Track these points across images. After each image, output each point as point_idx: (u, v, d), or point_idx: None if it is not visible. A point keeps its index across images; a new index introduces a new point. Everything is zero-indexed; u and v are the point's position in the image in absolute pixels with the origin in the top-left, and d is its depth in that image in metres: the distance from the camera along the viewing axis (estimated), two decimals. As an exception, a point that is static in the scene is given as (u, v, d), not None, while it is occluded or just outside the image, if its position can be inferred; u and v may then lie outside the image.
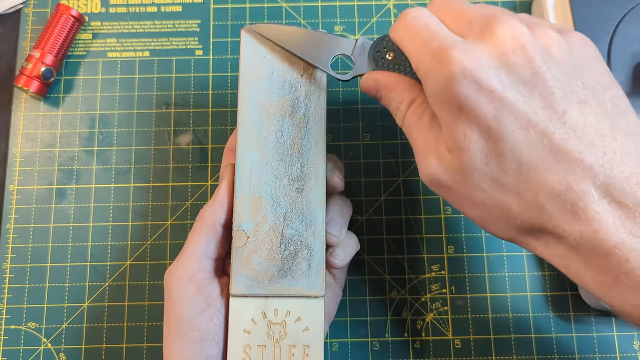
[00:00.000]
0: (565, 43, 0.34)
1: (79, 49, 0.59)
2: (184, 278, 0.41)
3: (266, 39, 0.44)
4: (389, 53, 0.41)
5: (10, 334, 0.53)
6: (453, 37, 0.35)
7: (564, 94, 0.32)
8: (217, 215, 0.43)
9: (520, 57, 0.32)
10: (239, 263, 0.42)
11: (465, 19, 0.36)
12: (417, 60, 0.36)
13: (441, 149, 0.35)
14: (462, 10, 0.36)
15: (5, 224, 0.55)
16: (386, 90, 0.41)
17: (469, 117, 0.33)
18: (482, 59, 0.32)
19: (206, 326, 0.41)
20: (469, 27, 0.35)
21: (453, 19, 0.36)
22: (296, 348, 0.41)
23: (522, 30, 0.33)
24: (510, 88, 0.32)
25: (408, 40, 0.37)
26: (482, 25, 0.34)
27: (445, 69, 0.33)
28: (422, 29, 0.36)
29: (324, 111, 0.44)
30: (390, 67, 0.41)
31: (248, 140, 0.43)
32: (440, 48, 0.34)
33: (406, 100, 0.39)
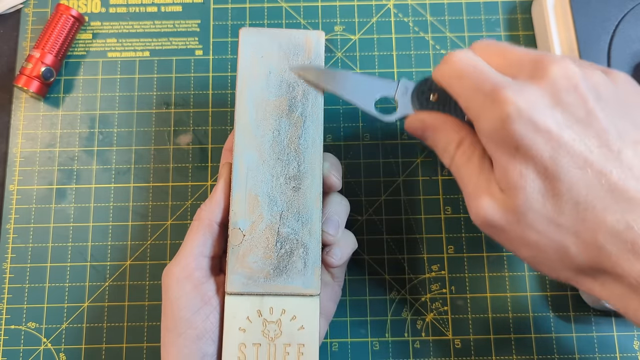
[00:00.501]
0: (611, 83, 0.34)
1: (79, 49, 0.59)
2: (182, 276, 0.41)
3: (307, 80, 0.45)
4: (433, 94, 0.42)
5: (10, 334, 0.53)
6: (503, 78, 0.34)
7: (617, 133, 0.32)
8: (214, 213, 0.43)
9: (574, 97, 0.32)
10: (234, 261, 0.42)
11: (512, 61, 0.36)
12: (467, 101, 0.36)
13: (493, 189, 0.35)
14: (508, 52, 0.36)
15: (5, 224, 0.55)
16: (433, 131, 0.40)
17: (525, 157, 0.32)
18: (536, 98, 0.32)
19: (203, 324, 0.41)
20: (517, 68, 0.35)
21: (499, 60, 0.36)
22: (291, 347, 0.41)
23: (573, 70, 0.33)
24: (566, 127, 0.32)
25: (456, 81, 0.37)
26: (532, 66, 0.34)
27: (500, 109, 0.33)
28: (471, 70, 0.36)
29: (321, 110, 0.44)
30: (435, 109, 0.41)
31: (245, 139, 0.43)
32: (492, 88, 0.34)
33: (455, 141, 0.39)
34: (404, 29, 0.59)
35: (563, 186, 0.32)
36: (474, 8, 0.60)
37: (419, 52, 0.59)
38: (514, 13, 0.60)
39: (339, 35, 0.59)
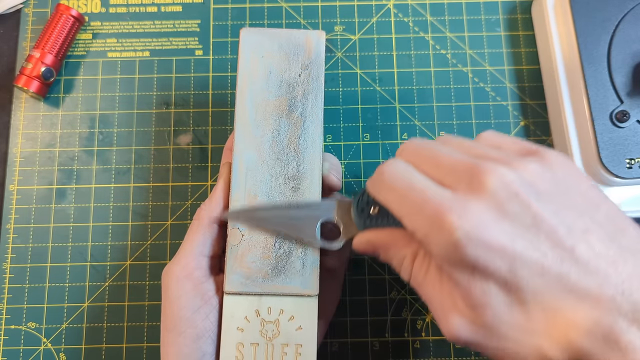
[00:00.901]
0: (547, 172, 0.33)
1: (79, 49, 0.59)
2: (181, 276, 0.41)
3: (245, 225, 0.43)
4: (373, 208, 0.40)
5: (10, 334, 0.53)
6: (442, 195, 0.33)
7: (567, 229, 0.32)
8: (213, 213, 0.43)
9: (517, 205, 0.32)
10: (233, 261, 0.42)
11: (446, 169, 0.35)
12: (412, 225, 0.35)
13: (459, 306, 0.34)
14: (439, 159, 0.35)
15: (5, 224, 0.55)
16: (383, 250, 0.39)
17: (484, 275, 0.32)
18: (481, 215, 0.32)
19: (202, 323, 0.41)
20: (452, 177, 0.34)
21: (432, 168, 0.35)
22: (289, 347, 0.41)
23: (510, 177, 0.32)
24: (517, 237, 0.32)
25: (395, 204, 0.36)
26: (467, 177, 0.33)
27: (448, 236, 0.32)
28: (407, 189, 0.35)
29: (321, 111, 0.44)
30: (379, 222, 0.40)
31: (245, 139, 0.43)
32: (435, 212, 0.33)
33: (408, 256, 0.38)
34: (404, 29, 0.59)
35: (527, 295, 0.32)
36: (474, 8, 0.60)
37: (419, 52, 0.59)
38: (514, 13, 0.60)
39: (339, 35, 0.59)
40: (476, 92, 0.58)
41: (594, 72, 0.52)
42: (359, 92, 0.58)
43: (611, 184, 0.51)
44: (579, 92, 0.52)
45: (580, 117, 0.52)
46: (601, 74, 0.52)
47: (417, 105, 0.57)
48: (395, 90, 0.58)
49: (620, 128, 0.51)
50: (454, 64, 0.59)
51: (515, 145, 0.36)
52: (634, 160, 0.50)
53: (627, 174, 0.50)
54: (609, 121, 0.51)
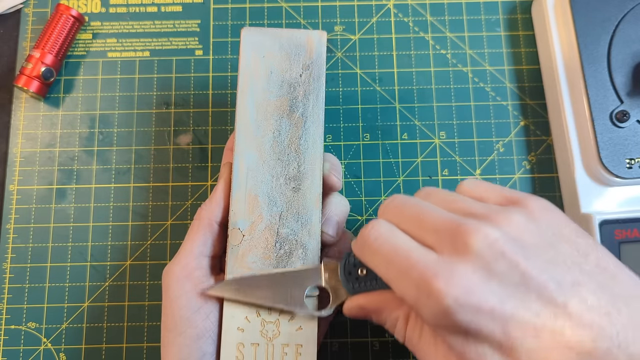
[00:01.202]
0: (531, 223, 0.33)
1: (79, 49, 0.59)
2: (182, 276, 0.41)
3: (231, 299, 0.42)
4: (361, 270, 0.39)
5: (10, 334, 0.53)
6: (427, 258, 0.33)
7: (556, 284, 0.31)
8: (214, 213, 0.43)
9: (504, 264, 0.31)
10: (234, 261, 0.42)
11: (428, 229, 0.34)
12: (400, 290, 0.34)
13: None
14: (421, 218, 0.35)
15: (5, 224, 0.55)
16: (376, 314, 0.39)
17: (478, 339, 0.32)
18: (468, 279, 0.31)
19: (203, 323, 0.41)
20: (436, 238, 0.34)
21: (415, 228, 0.35)
22: (289, 347, 0.41)
23: (494, 235, 0.32)
24: (507, 298, 0.31)
25: (382, 268, 0.35)
26: (451, 238, 0.33)
27: (437, 303, 0.31)
28: (392, 253, 0.35)
29: (322, 111, 0.44)
30: (368, 284, 0.39)
31: (246, 140, 0.43)
32: (422, 278, 0.32)
33: (401, 318, 0.38)
34: (404, 29, 0.59)
35: (522, 355, 0.31)
36: (474, 8, 0.60)
37: (419, 52, 0.59)
38: (514, 13, 0.60)
39: (339, 35, 0.59)
40: (476, 92, 0.58)
41: (594, 72, 0.52)
42: (359, 92, 0.58)
43: (611, 184, 0.51)
44: (579, 92, 0.52)
45: (580, 117, 0.52)
46: (601, 74, 0.52)
47: (417, 105, 0.57)
48: (395, 90, 0.58)
49: (620, 128, 0.51)
50: (454, 64, 0.59)
51: (497, 194, 0.36)
52: (634, 160, 0.50)
53: (627, 174, 0.50)
54: (609, 121, 0.51)
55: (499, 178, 0.56)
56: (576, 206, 0.52)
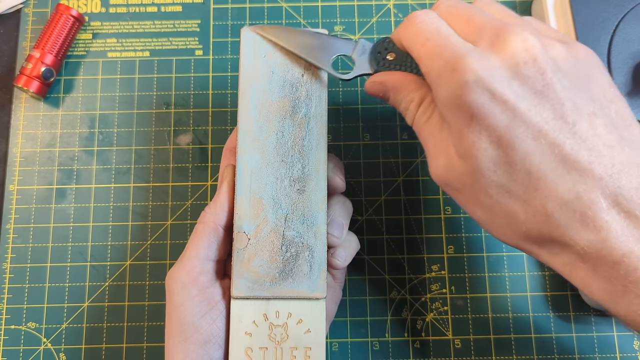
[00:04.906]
0: (571, 56, 0.34)
1: (79, 49, 0.59)
2: (187, 281, 0.41)
3: (267, 39, 0.44)
4: (390, 54, 0.41)
5: (10, 334, 0.53)
6: (465, 45, 0.34)
7: (574, 106, 0.32)
8: (218, 217, 0.43)
9: (532, 69, 0.32)
10: (240, 265, 0.42)
11: (475, 26, 0.35)
12: (428, 66, 0.36)
13: (450, 151, 0.35)
14: (471, 16, 0.36)
15: (5, 224, 0.55)
16: (394, 91, 0.40)
17: (480, 126, 0.33)
18: (495, 69, 0.32)
19: (209, 329, 0.41)
20: (479, 34, 0.35)
21: (462, 24, 0.36)
22: (298, 350, 0.41)
23: (533, 42, 0.33)
24: (523, 99, 0.32)
25: (418, 44, 0.37)
26: (493, 35, 0.34)
27: (459, 77, 0.33)
28: (433, 34, 0.36)
29: (325, 111, 0.44)
30: (392, 68, 0.41)
31: (248, 141, 0.43)
32: (453, 55, 0.34)
33: (415, 100, 0.39)
34: (404, 29, 0.59)
35: (516, 155, 0.32)
36: (473, 8, 0.60)
37: (419, 52, 0.59)
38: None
39: (339, 35, 0.59)
40: (476, 92, 0.58)
41: (594, 73, 0.52)
42: (359, 92, 0.58)
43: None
44: (579, 93, 0.52)
45: (580, 118, 0.52)
46: (601, 75, 0.52)
47: (417, 105, 0.57)
48: (395, 90, 0.58)
49: (620, 128, 0.51)
50: (454, 64, 0.59)
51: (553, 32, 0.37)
52: (634, 161, 0.50)
53: (627, 174, 0.50)
54: (608, 121, 0.51)
55: (498, 178, 0.56)
56: (576, 206, 0.52)
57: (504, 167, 0.33)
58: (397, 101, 0.41)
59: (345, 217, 0.46)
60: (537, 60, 0.32)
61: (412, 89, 0.39)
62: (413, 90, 0.39)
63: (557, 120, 0.32)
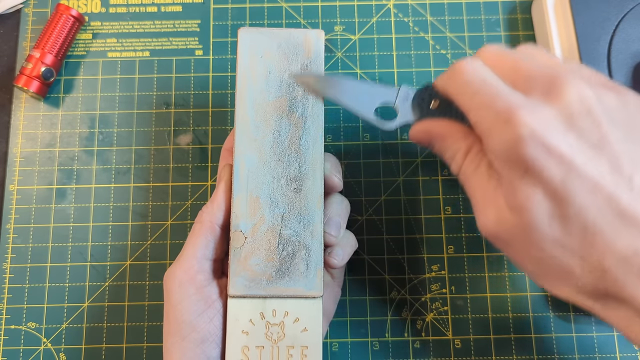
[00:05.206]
0: (623, 104, 0.33)
1: (79, 49, 0.59)
2: (184, 279, 0.41)
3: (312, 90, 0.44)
4: (434, 101, 0.41)
5: (10, 334, 0.53)
6: (517, 96, 0.34)
7: (629, 159, 0.32)
8: (215, 216, 0.43)
9: (588, 121, 0.32)
10: (236, 264, 0.42)
11: (524, 75, 0.35)
12: (477, 117, 0.35)
13: (500, 203, 0.34)
14: (519, 65, 0.36)
15: (5, 224, 0.55)
16: (440, 140, 0.40)
17: (535, 179, 0.32)
18: (550, 121, 0.32)
19: (206, 327, 0.41)
20: (529, 84, 0.34)
21: (510, 73, 0.36)
22: (294, 349, 0.41)
23: (587, 93, 0.32)
24: (579, 152, 0.32)
25: (467, 97, 0.36)
26: (545, 85, 0.34)
27: (513, 130, 0.32)
28: (481, 85, 0.35)
29: (322, 111, 0.44)
30: (436, 116, 0.41)
31: (245, 141, 0.43)
32: (506, 108, 0.33)
33: (462, 149, 0.38)
34: (404, 29, 0.59)
35: (572, 210, 0.31)
36: (474, 8, 0.60)
37: (419, 52, 0.59)
38: (514, 13, 0.60)
39: (339, 35, 0.59)
40: (476, 92, 0.58)
41: (594, 72, 0.52)
42: (359, 92, 0.58)
43: (611, 184, 0.51)
44: (579, 92, 0.52)
45: (580, 117, 0.52)
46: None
47: (417, 105, 0.57)
48: (396, 90, 0.58)
49: (620, 128, 0.51)
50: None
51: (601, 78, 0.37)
52: (634, 160, 0.50)
53: (627, 174, 0.50)
54: (609, 121, 0.51)
55: (499, 178, 0.56)
56: (576, 206, 0.52)
57: (559, 221, 0.32)
58: (442, 150, 0.40)
59: (343, 216, 0.46)
60: (592, 111, 0.32)
61: (459, 138, 0.39)
62: (460, 139, 0.39)
63: (613, 174, 0.31)
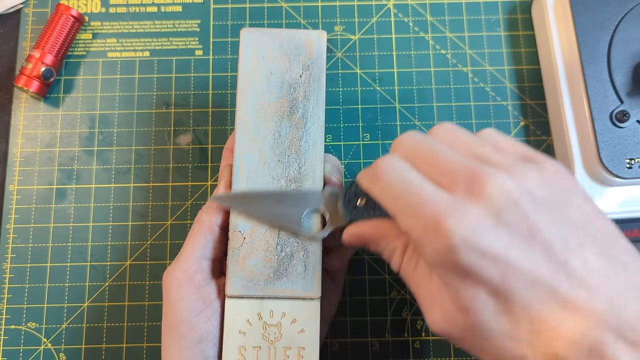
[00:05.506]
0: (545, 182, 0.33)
1: (79, 49, 0.59)
2: (183, 279, 0.41)
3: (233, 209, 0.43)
4: (360, 199, 0.40)
5: (10, 334, 0.53)
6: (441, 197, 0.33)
7: (562, 243, 0.31)
8: (214, 216, 0.43)
9: (515, 214, 0.32)
10: (235, 264, 0.42)
11: (444, 170, 0.34)
12: (405, 225, 0.34)
13: (446, 302, 0.34)
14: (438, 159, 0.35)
15: (5, 224, 0.55)
16: (374, 243, 0.39)
17: (475, 281, 0.32)
18: (478, 222, 0.31)
19: (204, 327, 0.41)
20: (450, 179, 0.34)
21: (430, 166, 0.35)
22: (291, 350, 0.41)
23: (509, 185, 0.32)
24: (512, 247, 0.31)
25: (390, 202, 0.35)
26: (467, 181, 0.33)
27: (444, 241, 0.32)
28: (403, 188, 0.35)
29: (322, 112, 0.44)
30: (366, 214, 0.40)
31: (246, 141, 0.43)
32: (432, 215, 0.32)
33: (399, 248, 0.38)
34: (404, 29, 0.59)
35: (516, 305, 0.31)
36: (474, 8, 0.60)
37: (419, 52, 0.59)
38: (514, 13, 0.60)
39: (339, 35, 0.59)
40: (476, 92, 0.58)
41: (594, 72, 0.52)
42: (359, 92, 0.58)
43: (611, 184, 0.51)
44: (579, 92, 0.52)
45: (580, 117, 0.52)
46: (601, 74, 0.52)
47: (417, 105, 0.57)
48: (395, 90, 0.58)
49: (620, 128, 0.51)
50: (454, 64, 0.59)
51: (516, 148, 0.36)
52: (634, 160, 0.50)
53: (627, 174, 0.50)
54: (609, 121, 0.51)
55: (499, 178, 0.56)
56: (576, 206, 0.52)
57: (505, 316, 0.32)
58: (379, 250, 0.39)
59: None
60: (517, 203, 0.32)
61: (393, 238, 0.38)
62: (394, 239, 0.38)
63: (549, 262, 0.31)
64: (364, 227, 0.40)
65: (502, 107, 0.58)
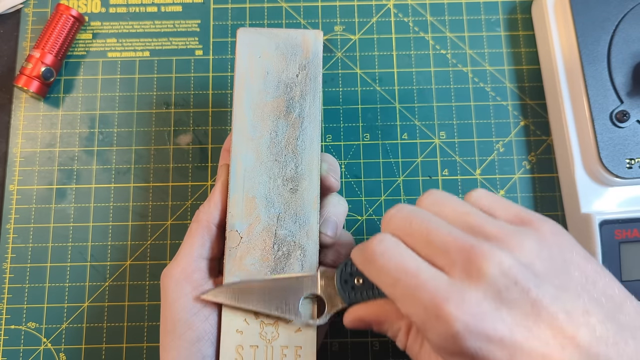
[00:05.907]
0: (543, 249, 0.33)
1: (79, 49, 0.59)
2: (181, 278, 0.41)
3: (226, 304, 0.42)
4: (357, 279, 0.39)
5: (10, 334, 0.53)
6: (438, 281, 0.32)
7: (566, 314, 0.31)
8: (212, 215, 0.43)
9: (516, 292, 0.31)
10: (232, 263, 0.42)
11: (439, 249, 0.33)
12: (406, 310, 0.33)
13: None
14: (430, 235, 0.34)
15: (5, 224, 0.55)
16: (376, 325, 0.39)
17: None
18: (479, 306, 0.31)
19: (202, 326, 0.41)
20: (446, 259, 0.33)
21: (423, 245, 0.34)
22: (288, 349, 0.41)
23: (508, 263, 0.31)
24: (517, 326, 0.31)
25: (387, 286, 0.34)
26: (463, 262, 0.32)
27: (446, 327, 0.31)
28: (399, 272, 0.33)
29: (319, 111, 0.44)
30: (365, 294, 0.39)
31: (242, 141, 0.43)
32: (431, 300, 0.32)
33: (403, 329, 0.37)
34: (404, 29, 0.59)
35: None
36: (474, 8, 0.60)
37: (419, 52, 0.59)
38: (514, 13, 0.60)
39: (339, 35, 0.59)
40: (476, 92, 0.58)
41: (594, 72, 0.52)
42: (359, 92, 0.58)
43: (611, 184, 0.51)
44: (579, 92, 0.52)
45: (580, 117, 0.52)
46: (601, 74, 0.52)
47: (417, 105, 0.57)
48: (395, 90, 0.58)
49: (620, 128, 0.51)
50: (454, 64, 0.58)
51: (509, 211, 0.36)
52: (634, 160, 0.50)
53: (627, 174, 0.50)
54: (609, 121, 0.51)
55: (499, 178, 0.56)
56: (576, 206, 0.52)
57: None
58: (382, 331, 0.39)
59: (340, 217, 0.45)
60: (517, 281, 0.31)
61: (395, 319, 0.38)
62: (397, 320, 0.38)
63: (556, 337, 0.31)
64: (364, 310, 0.39)
65: (502, 107, 0.57)
